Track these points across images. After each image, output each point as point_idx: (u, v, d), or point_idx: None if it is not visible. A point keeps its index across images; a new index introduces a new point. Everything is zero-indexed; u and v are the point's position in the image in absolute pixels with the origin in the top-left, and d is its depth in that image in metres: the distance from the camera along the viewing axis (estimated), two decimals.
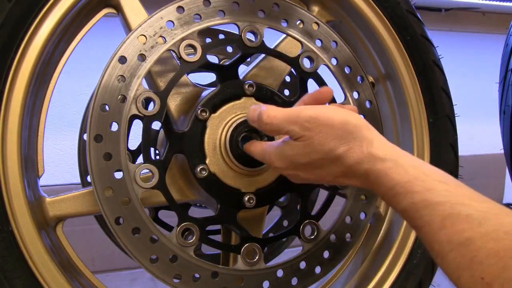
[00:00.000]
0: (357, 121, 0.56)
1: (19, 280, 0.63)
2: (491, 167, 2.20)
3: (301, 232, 0.74)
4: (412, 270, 0.84)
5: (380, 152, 0.54)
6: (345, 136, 0.55)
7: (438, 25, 2.17)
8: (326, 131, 0.55)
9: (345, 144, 0.55)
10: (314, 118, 0.55)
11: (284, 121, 0.57)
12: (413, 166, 0.52)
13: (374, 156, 0.54)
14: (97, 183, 0.63)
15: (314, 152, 0.56)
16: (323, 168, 0.58)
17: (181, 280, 0.66)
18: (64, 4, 0.68)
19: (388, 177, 0.53)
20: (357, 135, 0.55)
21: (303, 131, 0.56)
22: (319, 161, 0.57)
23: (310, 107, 0.58)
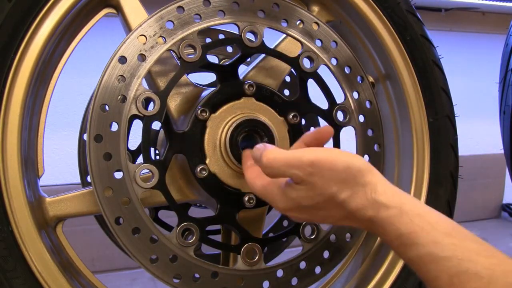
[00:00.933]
0: (360, 165, 0.55)
1: (19, 280, 0.63)
2: (491, 167, 2.20)
3: (301, 232, 0.74)
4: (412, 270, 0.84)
5: (384, 198, 0.53)
6: (349, 181, 0.54)
7: (438, 25, 2.17)
8: (328, 175, 0.54)
9: (349, 189, 0.54)
10: (316, 163, 0.54)
11: (285, 165, 0.55)
12: (418, 215, 0.51)
13: (378, 203, 0.53)
14: (97, 183, 0.63)
15: (318, 196, 0.55)
16: (326, 211, 0.57)
17: (181, 280, 0.66)
18: (64, 4, 0.68)
19: (393, 226, 0.52)
20: (360, 180, 0.54)
21: (305, 176, 0.54)
22: (322, 203, 0.56)
23: (312, 150, 0.56)
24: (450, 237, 0.49)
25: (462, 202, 0.52)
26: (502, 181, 2.24)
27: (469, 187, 2.11)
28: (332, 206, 0.56)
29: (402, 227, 0.51)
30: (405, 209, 0.52)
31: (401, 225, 0.51)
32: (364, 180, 0.54)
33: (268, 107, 0.74)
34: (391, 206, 0.52)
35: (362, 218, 0.54)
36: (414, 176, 0.88)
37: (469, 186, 2.11)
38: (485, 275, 0.45)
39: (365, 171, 0.54)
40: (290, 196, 0.57)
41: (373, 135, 0.80)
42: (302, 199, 0.57)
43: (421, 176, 0.88)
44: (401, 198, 0.53)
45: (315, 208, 0.57)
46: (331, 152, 0.56)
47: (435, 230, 0.49)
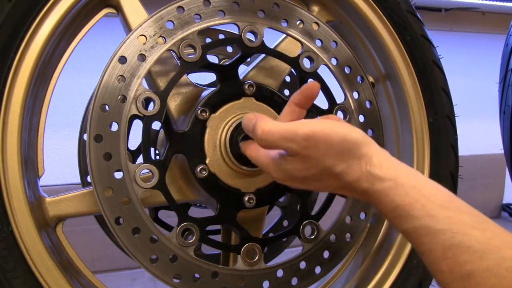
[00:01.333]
0: (356, 137, 0.54)
1: (19, 280, 0.63)
2: (491, 167, 2.20)
3: (301, 232, 0.74)
4: (412, 270, 0.84)
5: (379, 171, 0.52)
6: (344, 154, 0.54)
7: (438, 25, 2.16)
8: (324, 148, 0.53)
9: (344, 162, 0.54)
10: (312, 136, 0.53)
11: (280, 139, 0.55)
12: (413, 187, 0.51)
13: (373, 176, 0.52)
14: (97, 183, 0.63)
15: (313, 168, 0.55)
16: (322, 181, 0.57)
17: (181, 280, 0.66)
18: (64, 4, 0.68)
19: (388, 198, 0.51)
20: (356, 153, 0.54)
21: (301, 150, 0.54)
22: (317, 175, 0.56)
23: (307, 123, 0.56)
24: (445, 210, 0.48)
25: None
26: (502, 181, 2.24)
27: (469, 187, 2.11)
28: (328, 177, 0.56)
29: (397, 199, 0.50)
30: (400, 181, 0.51)
31: (396, 197, 0.51)
32: (360, 153, 0.54)
33: (268, 107, 0.74)
34: (386, 178, 0.52)
35: (357, 189, 0.54)
36: None
37: (469, 186, 2.11)
38: (478, 249, 0.45)
39: (361, 143, 0.54)
40: (285, 167, 0.57)
41: (373, 135, 0.80)
42: (296, 171, 0.57)
43: None
44: (397, 170, 0.53)
45: (311, 179, 0.57)
46: (326, 125, 0.55)
47: (431, 203, 0.49)
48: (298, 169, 0.56)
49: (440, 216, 0.48)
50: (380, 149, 0.55)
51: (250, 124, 0.59)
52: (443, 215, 0.48)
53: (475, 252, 0.45)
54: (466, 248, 0.45)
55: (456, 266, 0.45)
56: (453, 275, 0.46)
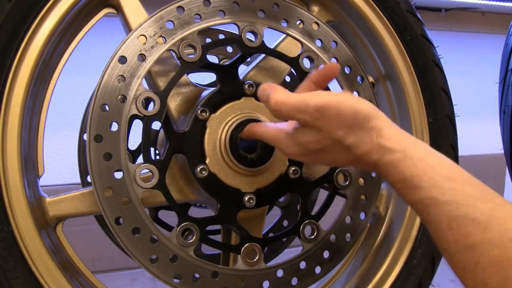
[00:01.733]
0: (366, 110, 0.55)
1: (19, 280, 0.63)
2: (491, 167, 2.20)
3: (301, 232, 0.74)
4: (412, 270, 0.84)
5: (389, 142, 0.54)
6: (355, 126, 0.55)
7: (438, 25, 2.16)
8: (335, 120, 0.55)
9: (354, 135, 0.55)
10: (323, 108, 0.55)
11: (293, 110, 0.56)
12: (421, 159, 0.52)
13: (383, 147, 0.54)
14: (97, 183, 0.63)
15: (325, 139, 0.56)
16: (334, 154, 0.58)
17: (181, 280, 0.66)
18: (64, 4, 0.68)
19: (396, 169, 0.53)
20: (366, 125, 0.55)
21: (312, 121, 0.55)
22: (330, 147, 0.57)
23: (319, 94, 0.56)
24: (451, 182, 0.49)
25: None
26: (502, 181, 2.24)
27: None
28: (339, 149, 0.57)
29: (405, 171, 0.52)
30: (409, 153, 0.52)
31: (405, 169, 0.52)
32: (370, 125, 0.55)
33: None
34: (395, 150, 0.53)
35: (368, 162, 0.56)
36: None
37: None
38: (482, 221, 0.46)
39: (372, 116, 0.55)
40: (298, 140, 0.59)
41: None
42: (309, 143, 0.58)
43: None
44: (406, 142, 0.54)
45: (323, 152, 0.58)
46: (338, 97, 0.56)
47: (437, 175, 0.50)
48: (311, 141, 0.58)
49: (446, 187, 0.49)
50: (389, 121, 0.56)
51: (265, 93, 0.60)
52: (448, 187, 0.49)
53: (479, 224, 0.46)
54: (471, 220, 0.46)
55: (461, 237, 0.46)
56: (458, 245, 0.47)
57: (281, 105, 0.57)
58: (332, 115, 0.55)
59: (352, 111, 0.54)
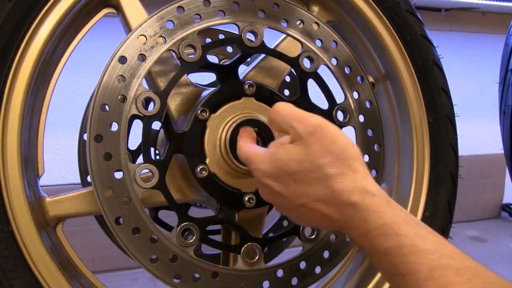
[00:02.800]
0: (356, 152, 0.55)
1: (19, 280, 0.63)
2: (491, 167, 2.20)
3: (301, 232, 0.74)
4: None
5: (373, 188, 0.53)
6: (342, 160, 0.53)
7: (438, 25, 2.17)
8: (326, 144, 0.53)
9: (339, 167, 0.53)
10: (321, 127, 0.54)
11: (290, 116, 0.56)
12: (403, 211, 0.51)
13: (366, 190, 0.52)
14: (97, 183, 0.63)
15: (306, 162, 0.54)
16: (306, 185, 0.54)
17: (181, 280, 0.66)
18: (64, 4, 0.68)
19: (377, 214, 0.50)
20: (353, 165, 0.53)
21: (304, 134, 0.54)
22: (307, 173, 0.54)
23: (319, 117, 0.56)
24: (432, 235, 0.49)
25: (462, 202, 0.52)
26: (502, 181, 2.24)
27: (469, 187, 2.11)
28: (316, 181, 0.53)
29: (386, 216, 0.50)
30: (391, 204, 0.52)
31: (386, 214, 0.50)
32: (356, 167, 0.53)
33: (268, 107, 0.74)
34: (378, 195, 0.52)
35: (344, 202, 0.52)
36: (414, 176, 0.88)
37: (469, 186, 2.11)
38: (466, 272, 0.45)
39: (359, 160, 0.55)
40: (278, 157, 0.56)
41: (373, 135, 0.80)
42: (289, 161, 0.55)
43: (421, 176, 0.88)
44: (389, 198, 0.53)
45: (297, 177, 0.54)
46: (335, 127, 0.56)
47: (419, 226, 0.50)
48: (291, 159, 0.55)
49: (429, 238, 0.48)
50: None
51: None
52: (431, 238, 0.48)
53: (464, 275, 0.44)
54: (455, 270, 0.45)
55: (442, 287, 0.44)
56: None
57: (281, 109, 0.57)
58: (326, 137, 0.54)
59: (344, 145, 0.54)
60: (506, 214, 2.26)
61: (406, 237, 0.48)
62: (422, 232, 0.49)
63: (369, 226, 0.51)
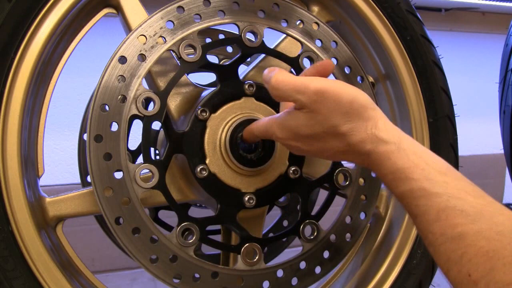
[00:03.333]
0: (364, 100, 0.56)
1: (19, 280, 0.63)
2: (491, 167, 2.20)
3: (301, 232, 0.74)
4: (412, 270, 0.84)
5: (384, 134, 0.54)
6: (351, 114, 0.55)
7: (438, 25, 2.17)
8: (332, 106, 0.55)
9: (350, 122, 0.55)
10: (322, 91, 0.55)
11: (291, 89, 0.56)
12: (414, 152, 0.52)
13: (378, 138, 0.54)
14: (97, 183, 0.63)
15: (318, 125, 0.56)
16: (324, 142, 0.58)
17: (181, 280, 0.66)
18: (64, 4, 0.68)
19: (389, 161, 0.53)
20: (363, 115, 0.55)
21: (309, 103, 0.55)
22: (321, 134, 0.57)
23: (320, 79, 0.57)
24: (443, 175, 0.50)
25: None
26: (502, 181, 2.24)
27: None
28: (331, 137, 0.57)
29: (398, 162, 0.52)
30: (403, 146, 0.53)
31: (398, 160, 0.52)
32: (367, 115, 0.55)
33: (268, 107, 0.74)
34: (390, 141, 0.53)
35: (360, 151, 0.55)
36: None
37: None
38: (471, 212, 0.46)
39: (369, 106, 0.55)
40: (289, 123, 0.59)
41: None
42: (301, 127, 0.58)
43: None
44: (400, 135, 0.55)
45: (313, 138, 0.58)
46: (337, 84, 0.56)
47: (430, 168, 0.51)
48: (303, 125, 0.57)
49: (438, 180, 0.49)
50: (384, 116, 0.57)
51: (269, 74, 0.59)
52: (440, 180, 0.49)
53: (468, 216, 0.46)
54: (460, 211, 0.46)
55: (448, 228, 0.46)
56: (444, 236, 0.47)
57: (280, 83, 0.57)
58: (331, 100, 0.55)
59: (350, 98, 0.55)
60: None
61: (416, 181, 0.50)
62: (432, 174, 0.50)
63: (384, 172, 0.54)
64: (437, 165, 0.51)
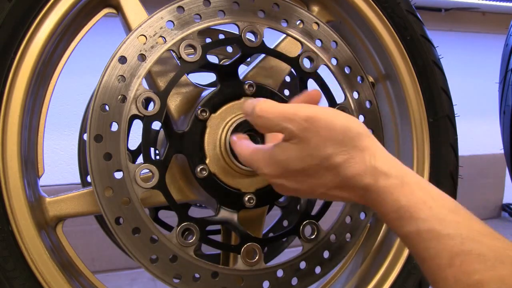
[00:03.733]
0: (359, 127, 0.51)
1: (19, 280, 0.63)
2: (491, 167, 2.20)
3: (301, 232, 0.74)
4: (412, 270, 0.84)
5: (385, 166, 0.49)
6: (346, 143, 0.49)
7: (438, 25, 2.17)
8: (325, 134, 0.49)
9: (345, 152, 0.49)
10: (313, 118, 0.49)
11: (279, 117, 0.50)
12: (420, 188, 0.47)
13: (378, 170, 0.48)
14: (97, 183, 0.63)
15: (309, 157, 0.50)
16: (316, 177, 0.51)
17: (181, 280, 0.66)
18: (64, 4, 0.68)
19: (392, 196, 0.47)
20: (359, 144, 0.49)
21: (299, 131, 0.50)
22: (313, 167, 0.51)
23: (309, 106, 0.51)
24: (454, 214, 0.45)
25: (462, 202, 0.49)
26: (502, 181, 2.24)
27: (469, 187, 2.11)
28: (324, 171, 0.50)
29: (402, 198, 0.46)
30: (407, 180, 0.48)
31: (402, 196, 0.47)
32: (364, 144, 0.49)
33: None
34: (392, 175, 0.48)
35: (357, 186, 0.49)
36: None
37: (469, 186, 2.11)
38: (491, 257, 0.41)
39: (364, 134, 0.50)
40: (278, 158, 0.52)
41: (373, 135, 0.80)
42: (290, 161, 0.51)
43: (421, 175, 0.88)
44: (402, 168, 0.49)
45: (304, 174, 0.52)
46: (329, 110, 0.51)
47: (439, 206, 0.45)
48: (292, 158, 0.51)
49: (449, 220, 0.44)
50: (380, 145, 0.52)
51: (250, 106, 0.54)
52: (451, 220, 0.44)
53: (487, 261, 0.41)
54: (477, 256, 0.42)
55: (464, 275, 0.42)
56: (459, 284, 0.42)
57: (265, 111, 0.51)
58: (323, 127, 0.49)
59: (344, 126, 0.50)
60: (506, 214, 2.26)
61: (424, 222, 0.45)
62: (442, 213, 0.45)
63: (385, 209, 0.48)
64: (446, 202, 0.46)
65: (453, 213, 0.45)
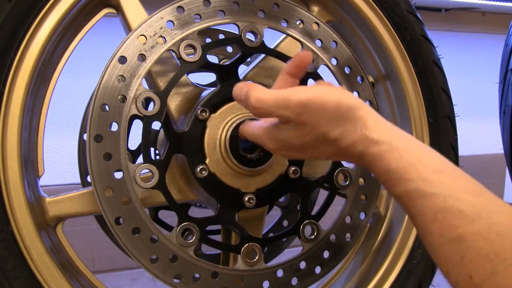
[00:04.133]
0: (350, 102, 0.54)
1: (19, 280, 0.63)
2: (491, 167, 2.20)
3: (301, 232, 0.74)
4: (412, 270, 0.84)
5: (374, 133, 0.52)
6: (339, 119, 0.53)
7: (438, 25, 2.17)
8: (318, 114, 0.53)
9: (339, 127, 0.54)
10: (305, 103, 0.53)
11: (273, 106, 0.54)
12: (408, 151, 0.51)
13: (369, 139, 0.52)
14: (97, 183, 0.63)
15: (307, 135, 0.55)
16: (317, 149, 0.57)
17: (181, 280, 0.66)
18: (64, 4, 0.68)
19: (382, 161, 0.51)
20: (351, 117, 0.53)
21: (294, 116, 0.54)
22: (312, 143, 0.56)
23: (301, 90, 0.55)
24: (438, 174, 0.48)
25: None
26: (502, 181, 2.24)
27: None
28: (322, 144, 0.56)
29: (391, 162, 0.50)
30: (396, 145, 0.51)
31: (391, 160, 0.51)
32: (355, 116, 0.53)
33: None
34: (381, 141, 0.52)
35: (352, 153, 0.54)
36: None
37: None
38: (470, 213, 0.45)
39: (355, 107, 0.54)
40: (278, 136, 0.58)
41: None
42: (291, 139, 0.57)
43: None
44: (392, 133, 0.53)
45: (305, 147, 0.57)
46: (320, 90, 0.55)
47: (424, 167, 0.49)
48: (292, 137, 0.56)
49: (433, 179, 0.48)
50: (374, 112, 0.55)
51: (242, 93, 0.58)
52: (436, 179, 0.48)
53: (467, 216, 0.45)
54: (458, 212, 0.45)
55: (447, 229, 0.45)
56: (443, 238, 0.46)
57: (261, 102, 0.55)
58: (315, 109, 0.53)
59: (335, 103, 0.53)
60: None
61: (411, 182, 0.49)
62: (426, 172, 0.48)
63: (379, 172, 0.52)
64: (432, 162, 0.50)
65: (438, 173, 0.49)
